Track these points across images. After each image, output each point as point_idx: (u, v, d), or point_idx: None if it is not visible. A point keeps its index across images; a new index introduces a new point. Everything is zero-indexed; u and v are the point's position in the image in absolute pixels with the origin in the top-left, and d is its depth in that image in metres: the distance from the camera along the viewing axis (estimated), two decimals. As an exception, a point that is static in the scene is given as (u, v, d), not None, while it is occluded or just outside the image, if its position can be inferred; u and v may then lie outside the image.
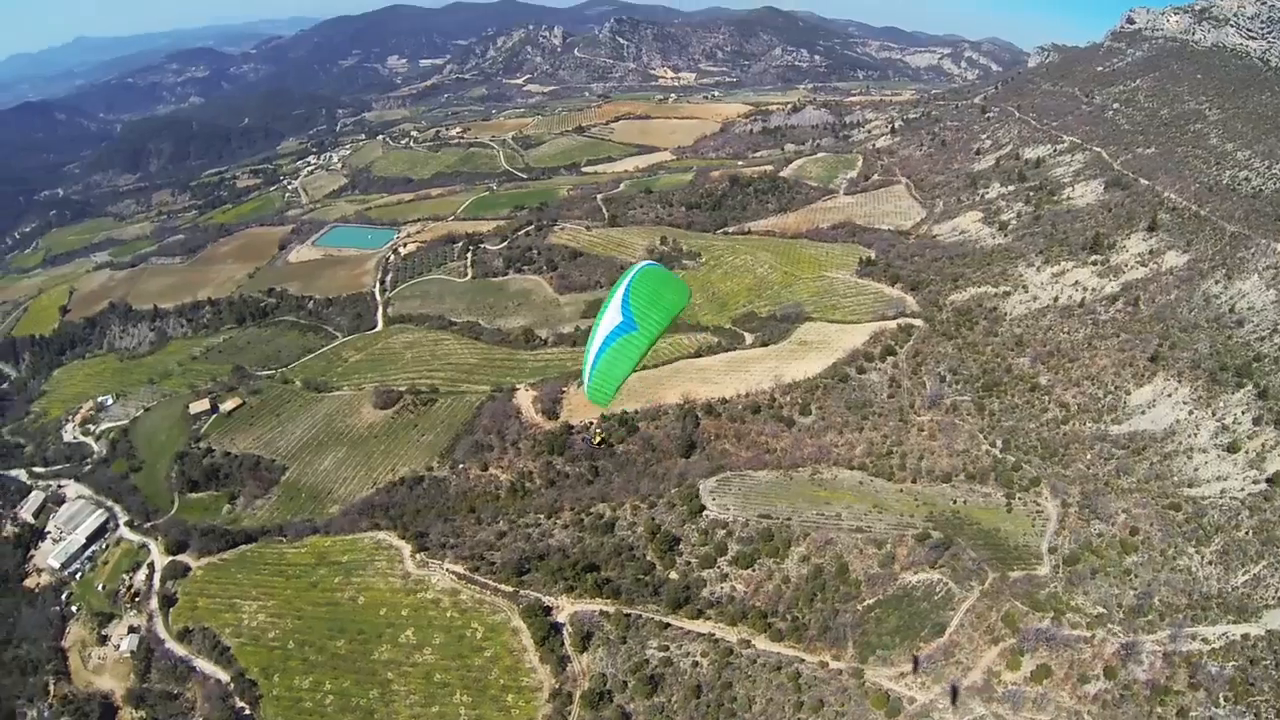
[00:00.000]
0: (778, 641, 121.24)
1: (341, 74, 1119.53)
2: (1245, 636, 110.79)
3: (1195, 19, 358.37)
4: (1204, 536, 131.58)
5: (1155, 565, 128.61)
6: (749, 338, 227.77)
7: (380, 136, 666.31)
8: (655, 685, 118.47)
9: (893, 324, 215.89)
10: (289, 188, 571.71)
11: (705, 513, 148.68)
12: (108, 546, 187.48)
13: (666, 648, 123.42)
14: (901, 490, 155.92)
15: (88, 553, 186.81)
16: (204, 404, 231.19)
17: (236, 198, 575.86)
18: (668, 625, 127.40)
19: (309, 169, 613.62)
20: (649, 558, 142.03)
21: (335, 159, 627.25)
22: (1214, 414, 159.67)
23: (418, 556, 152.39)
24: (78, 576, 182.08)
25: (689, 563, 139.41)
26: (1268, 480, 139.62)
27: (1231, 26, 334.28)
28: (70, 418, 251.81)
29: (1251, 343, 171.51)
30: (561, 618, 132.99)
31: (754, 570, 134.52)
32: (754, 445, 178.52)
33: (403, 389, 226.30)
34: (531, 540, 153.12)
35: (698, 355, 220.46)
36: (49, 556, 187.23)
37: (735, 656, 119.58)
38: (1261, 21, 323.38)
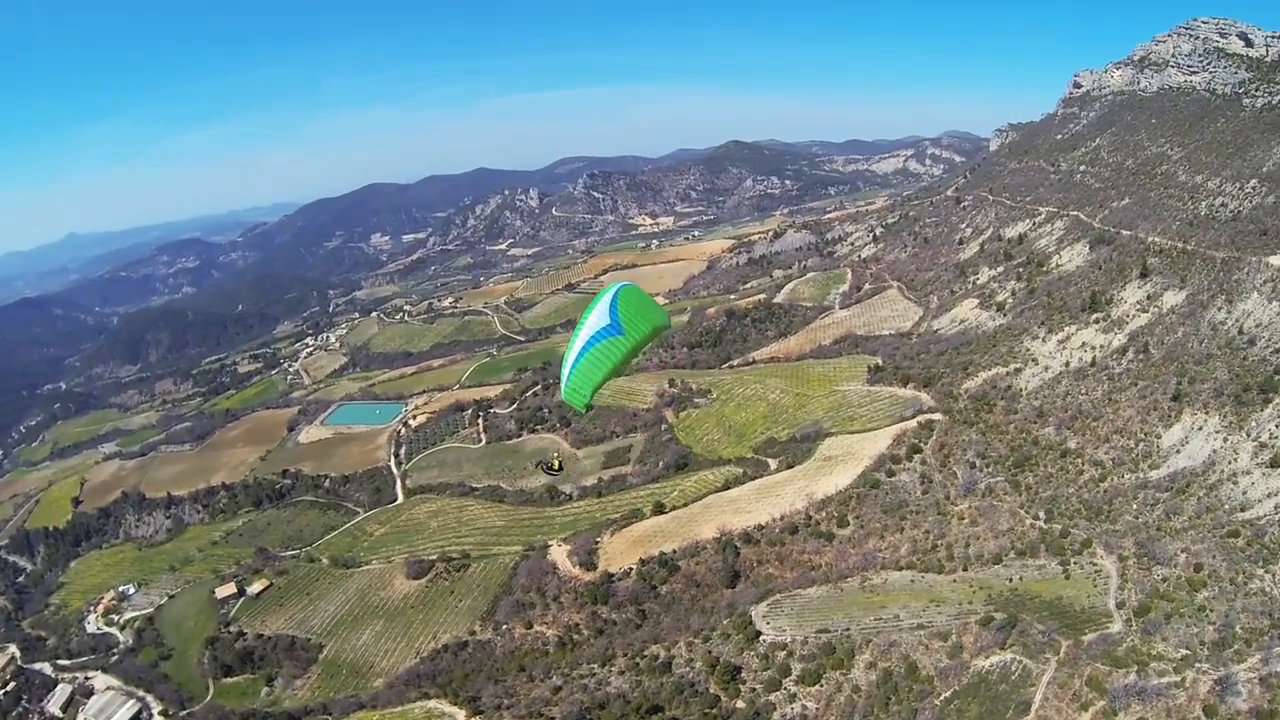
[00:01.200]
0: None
1: (327, 255, 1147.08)
2: None
3: (1137, 69, 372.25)
4: (1269, 555, 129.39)
5: (1228, 595, 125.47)
6: (773, 463, 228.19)
7: (374, 313, 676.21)
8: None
9: (913, 423, 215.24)
10: (290, 370, 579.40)
11: (762, 637, 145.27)
12: None
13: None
14: (955, 580, 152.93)
15: None
16: (230, 588, 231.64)
17: (239, 383, 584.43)
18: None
19: (308, 350, 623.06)
20: (713, 691, 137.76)
21: (333, 339, 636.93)
22: (1249, 435, 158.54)
23: None
24: None
25: (754, 689, 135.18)
26: None
27: (1172, 67, 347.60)
28: (92, 608, 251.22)
29: (1268, 357, 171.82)
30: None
31: (822, 685, 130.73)
32: (798, 565, 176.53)
33: (433, 558, 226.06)
34: (589, 691, 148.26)
35: (726, 488, 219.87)
36: None
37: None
38: (1198, 56, 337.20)
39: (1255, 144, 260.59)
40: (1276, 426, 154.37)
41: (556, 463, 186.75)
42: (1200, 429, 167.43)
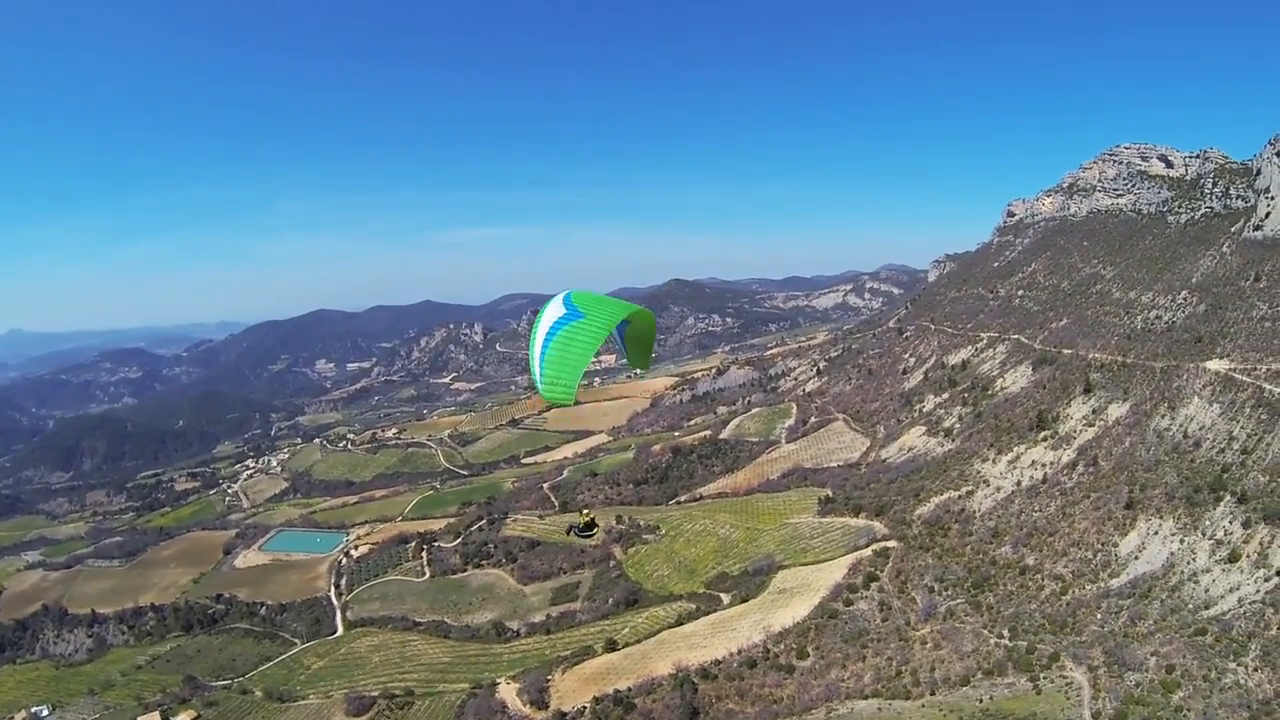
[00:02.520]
0: None
1: (272, 378, 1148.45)
2: None
3: (1066, 195, 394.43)
4: (1239, 648, 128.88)
5: (1203, 693, 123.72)
6: (726, 598, 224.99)
7: (317, 440, 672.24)
8: None
9: (867, 551, 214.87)
10: (229, 491, 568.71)
11: None
12: None
13: None
14: (923, 705, 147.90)
15: None
16: (154, 717, 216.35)
17: (175, 500, 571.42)
18: None
19: (248, 472, 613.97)
20: None
21: (274, 462, 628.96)
22: (1204, 534, 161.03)
23: None
24: None
25: None
26: (1278, 573, 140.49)
27: (1100, 191, 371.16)
28: None
29: (1214, 458, 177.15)
30: None
31: None
32: (759, 699, 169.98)
33: (375, 694, 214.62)
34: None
35: (680, 624, 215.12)
36: None
37: None
38: (1123, 179, 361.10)
39: (1183, 257, 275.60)
40: (1230, 523, 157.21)
41: (586, 518, 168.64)
42: (1156, 533, 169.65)
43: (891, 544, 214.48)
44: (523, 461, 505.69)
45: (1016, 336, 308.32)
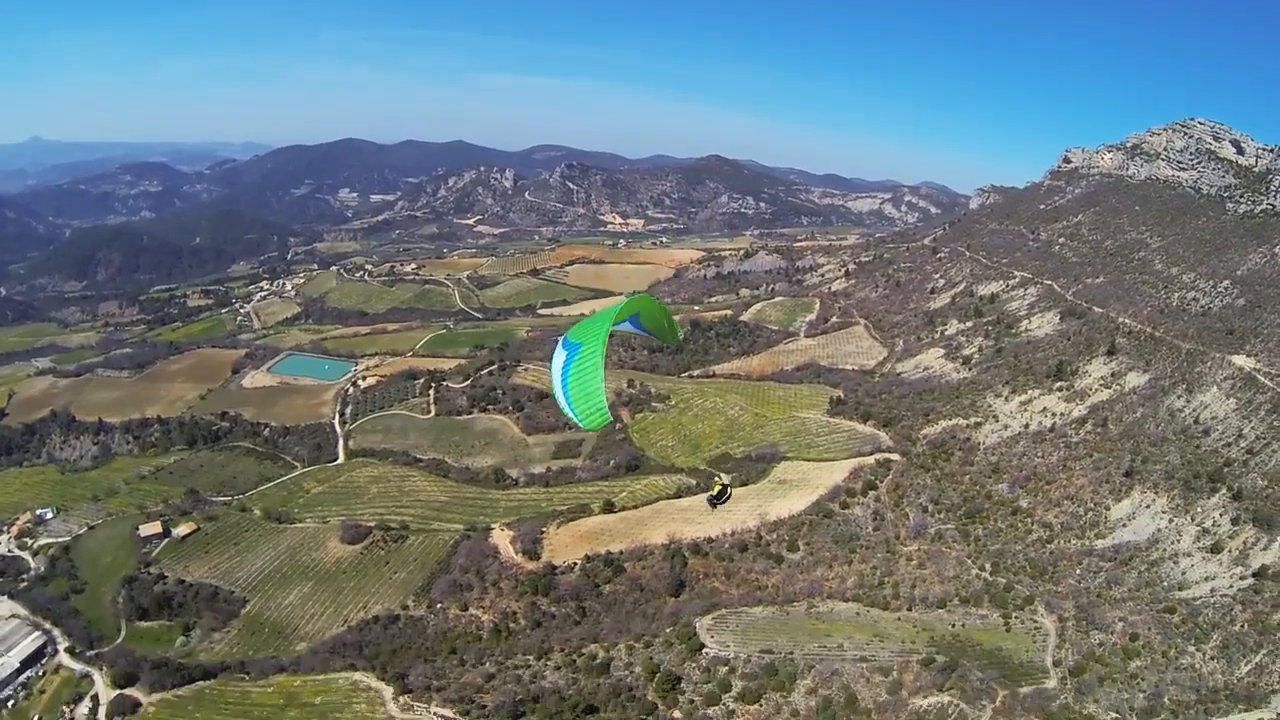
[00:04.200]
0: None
1: (293, 202, 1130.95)
2: None
3: (1128, 155, 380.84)
4: (1202, 634, 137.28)
5: (1159, 667, 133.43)
6: (726, 478, 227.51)
7: (334, 268, 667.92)
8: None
9: (870, 459, 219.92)
10: (241, 311, 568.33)
11: (705, 650, 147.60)
12: (45, 674, 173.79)
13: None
14: (899, 619, 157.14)
15: (21, 678, 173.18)
16: (155, 527, 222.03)
17: (187, 316, 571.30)
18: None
19: (262, 294, 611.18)
20: (650, 698, 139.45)
21: (289, 286, 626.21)
22: (1193, 519, 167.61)
23: (401, 699, 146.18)
24: (10, 704, 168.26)
25: (693, 701, 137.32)
26: (1254, 575, 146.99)
27: (1163, 160, 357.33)
28: (5, 529, 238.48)
29: (1219, 449, 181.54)
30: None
31: (761, 705, 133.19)
32: (744, 583, 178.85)
33: (371, 524, 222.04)
34: (523, 682, 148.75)
35: (678, 496, 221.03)
36: None
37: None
38: (1190, 154, 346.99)
39: (1233, 247, 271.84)
40: (1220, 515, 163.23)
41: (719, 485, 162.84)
42: (1148, 507, 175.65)
43: (894, 457, 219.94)
44: (539, 311, 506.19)
45: (1050, 282, 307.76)
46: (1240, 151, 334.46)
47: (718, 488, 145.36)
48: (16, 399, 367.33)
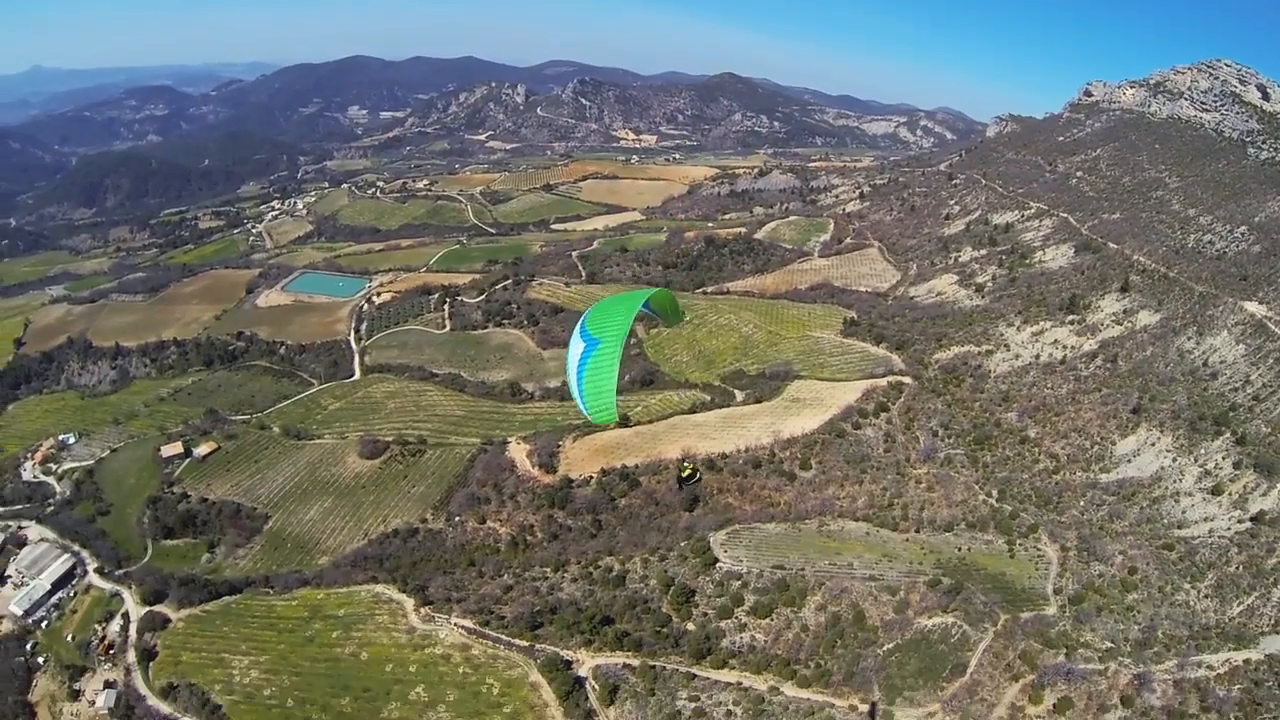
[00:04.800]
0: (805, 688, 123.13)
1: (302, 121, 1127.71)
2: (1247, 661, 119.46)
3: (1150, 92, 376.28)
4: (1198, 573, 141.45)
5: (1155, 601, 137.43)
6: (739, 395, 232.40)
7: (345, 185, 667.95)
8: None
9: (883, 381, 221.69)
10: (253, 231, 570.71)
11: (719, 565, 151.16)
12: (75, 594, 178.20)
13: (697, 698, 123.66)
14: (907, 540, 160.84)
15: (54, 600, 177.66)
16: (176, 447, 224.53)
17: (199, 238, 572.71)
18: (694, 676, 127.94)
19: (273, 214, 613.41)
20: (665, 610, 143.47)
21: (300, 205, 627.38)
22: (1196, 460, 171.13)
23: (422, 611, 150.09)
24: (43, 625, 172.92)
25: (706, 614, 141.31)
26: (1252, 519, 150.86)
27: (1185, 100, 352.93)
28: (29, 455, 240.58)
29: (1226, 394, 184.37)
30: (583, 671, 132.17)
31: (772, 620, 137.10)
32: (757, 499, 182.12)
33: (389, 439, 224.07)
34: (540, 594, 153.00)
35: (692, 411, 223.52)
36: (10, 603, 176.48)
37: (767, 704, 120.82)
38: (1214, 95, 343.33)
39: (1252, 193, 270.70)
40: (1223, 459, 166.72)
41: (689, 470, 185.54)
42: (1153, 445, 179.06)
43: (906, 380, 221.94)
44: (552, 227, 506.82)
45: (1066, 215, 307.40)
46: (1265, 97, 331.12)
47: (687, 471, 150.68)
48: (33, 328, 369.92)
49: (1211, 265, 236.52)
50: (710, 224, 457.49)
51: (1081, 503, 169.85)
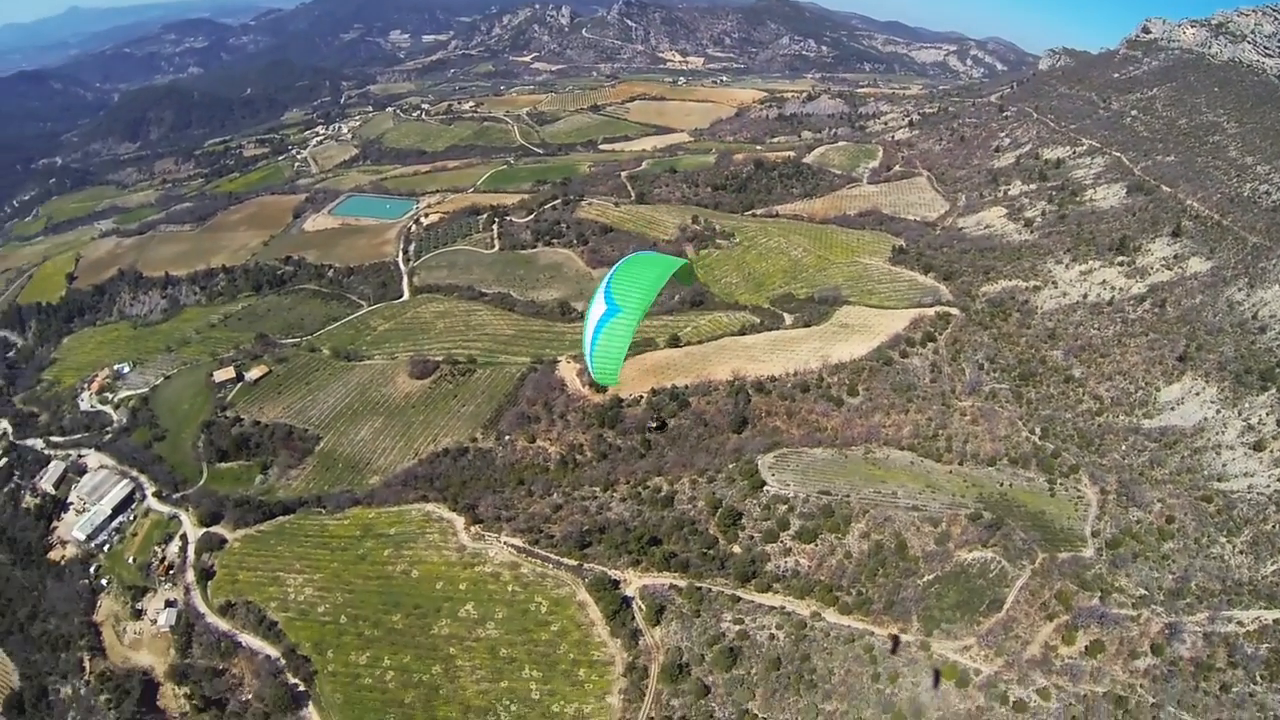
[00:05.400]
0: (846, 615, 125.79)
1: (343, 47, 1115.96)
2: (1277, 621, 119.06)
3: (1212, 33, 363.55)
4: (1234, 528, 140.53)
5: (1190, 552, 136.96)
6: (788, 318, 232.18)
7: (389, 109, 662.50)
8: (734, 658, 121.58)
9: (930, 311, 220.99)
10: (298, 157, 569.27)
11: (766, 488, 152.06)
12: (135, 518, 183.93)
13: (741, 620, 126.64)
14: (950, 471, 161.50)
15: (114, 524, 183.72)
16: (229, 372, 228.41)
17: (244, 166, 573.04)
18: (738, 599, 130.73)
19: (318, 139, 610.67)
20: (711, 532, 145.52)
21: (345, 129, 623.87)
22: (1240, 414, 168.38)
23: (472, 529, 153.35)
24: (105, 549, 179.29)
25: (752, 537, 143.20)
26: None
27: (1248, 43, 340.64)
28: (86, 385, 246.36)
29: (1274, 349, 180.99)
30: (630, 591, 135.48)
31: (816, 545, 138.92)
32: (805, 423, 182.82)
33: (438, 359, 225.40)
34: (589, 513, 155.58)
35: (742, 333, 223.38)
36: (73, 528, 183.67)
37: (809, 629, 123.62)
38: (1279, 40, 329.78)
39: None
40: (1267, 414, 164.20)
41: (658, 421, 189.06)
42: (1198, 394, 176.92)
43: (954, 311, 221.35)
44: (600, 147, 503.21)
45: (1119, 154, 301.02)
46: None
47: (657, 422, 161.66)
48: (84, 262, 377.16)
49: (1267, 217, 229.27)
50: (759, 147, 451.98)
51: (1123, 447, 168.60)
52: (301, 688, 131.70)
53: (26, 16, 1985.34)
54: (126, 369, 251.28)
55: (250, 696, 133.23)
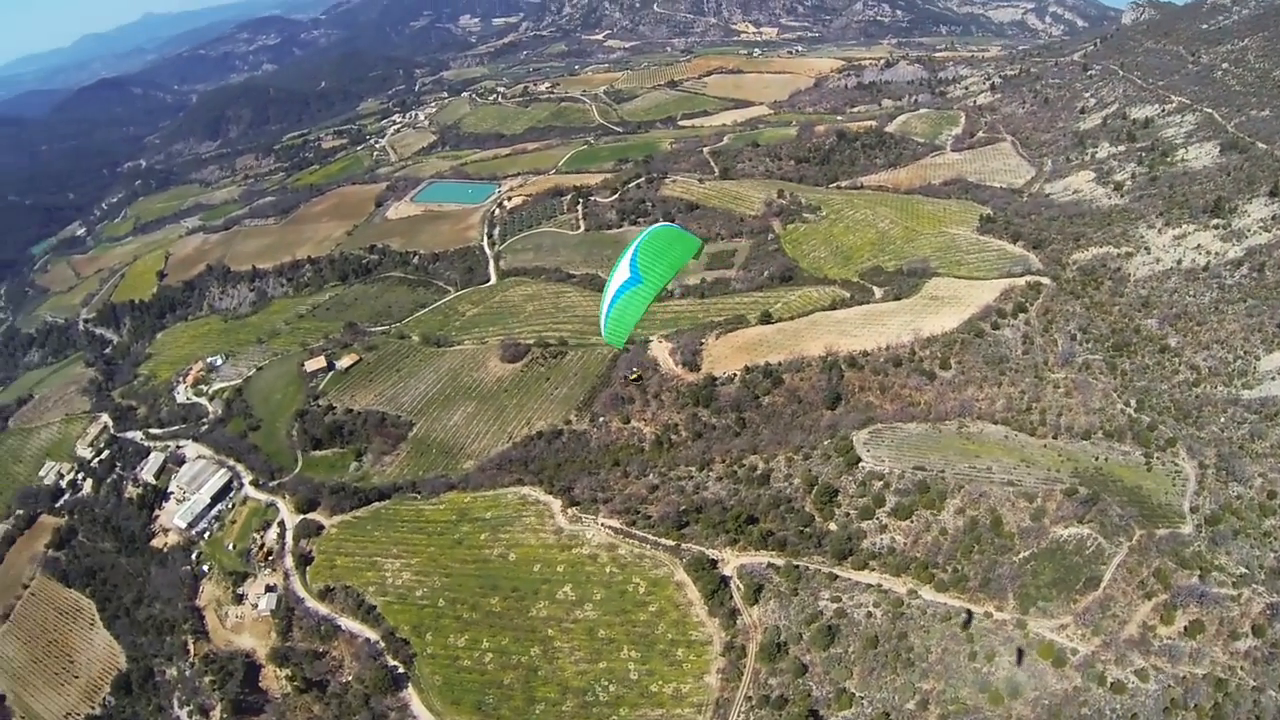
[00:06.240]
0: (943, 592, 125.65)
1: (414, 35, 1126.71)
2: None
3: None
4: None
5: None
6: (878, 291, 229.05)
7: (465, 93, 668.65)
8: (832, 636, 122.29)
9: (1020, 281, 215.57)
10: (376, 146, 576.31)
11: (861, 464, 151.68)
12: (233, 505, 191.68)
13: (839, 599, 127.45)
14: (1045, 445, 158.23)
15: (213, 512, 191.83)
16: (320, 361, 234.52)
17: (323, 158, 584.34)
18: (836, 576, 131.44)
19: (395, 127, 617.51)
20: (808, 510, 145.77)
21: (421, 117, 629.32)
22: None
23: (569, 511, 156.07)
24: (205, 536, 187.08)
25: (848, 514, 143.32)
26: None
27: None
28: (181, 379, 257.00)
29: None
30: (727, 570, 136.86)
31: (912, 522, 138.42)
32: (897, 398, 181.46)
33: (529, 342, 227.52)
34: (685, 493, 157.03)
35: (833, 308, 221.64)
36: (174, 516, 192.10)
37: (906, 607, 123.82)
38: None
39: None
40: None
41: (636, 374, 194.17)
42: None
43: (1044, 281, 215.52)
44: (680, 124, 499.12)
45: (1210, 111, 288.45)
46: None
47: (635, 375, 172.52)
48: (173, 259, 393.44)
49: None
50: (839, 117, 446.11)
51: (1222, 419, 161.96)
52: (401, 670, 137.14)
53: (105, 26, 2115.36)
54: (219, 361, 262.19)
55: (350, 678, 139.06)
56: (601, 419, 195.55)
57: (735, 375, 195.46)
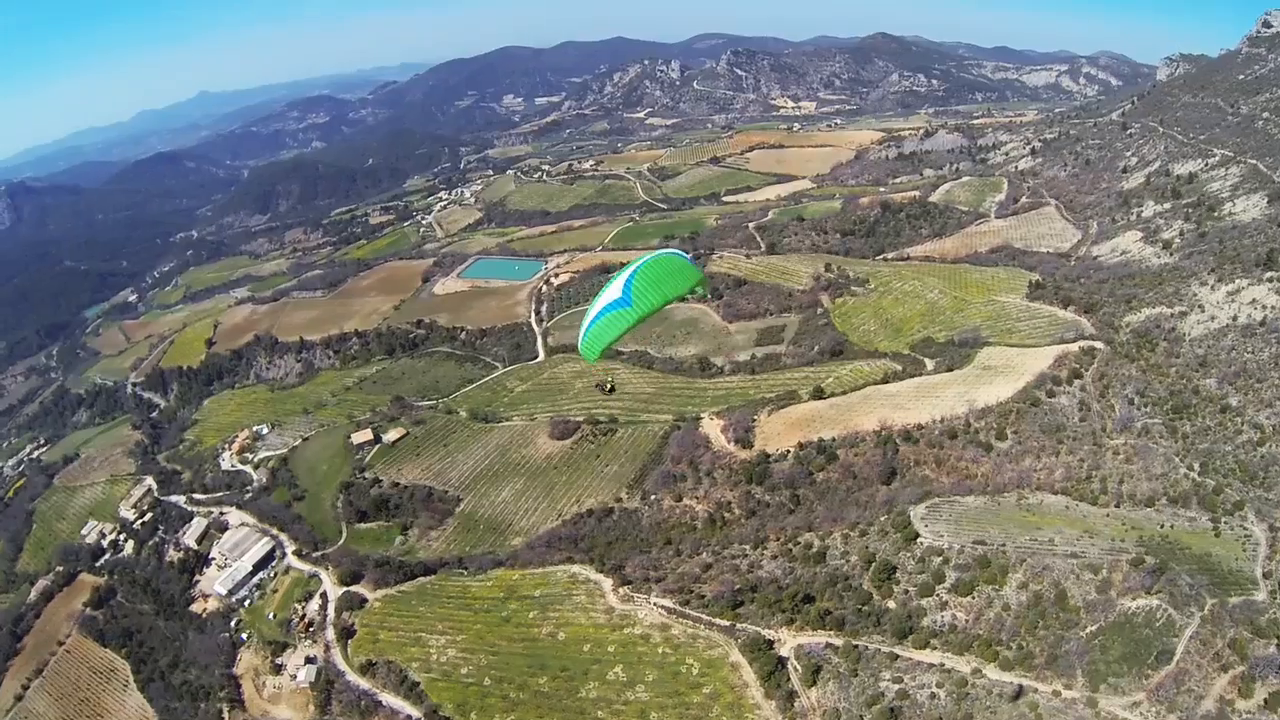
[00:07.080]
0: (1008, 670, 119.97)
1: (459, 114, 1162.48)
2: None
3: None
4: None
5: None
6: (929, 363, 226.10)
7: (510, 171, 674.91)
8: (895, 718, 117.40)
9: (1074, 347, 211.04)
10: (423, 223, 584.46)
11: (919, 540, 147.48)
12: (275, 575, 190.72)
13: (900, 679, 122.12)
14: (1108, 515, 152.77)
15: (255, 580, 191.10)
16: (366, 434, 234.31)
17: (370, 233, 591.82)
18: (896, 656, 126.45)
19: (441, 204, 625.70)
20: (866, 587, 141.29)
21: (467, 194, 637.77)
22: None
23: (620, 590, 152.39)
24: (246, 604, 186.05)
25: (907, 591, 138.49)
26: None
27: None
28: (227, 446, 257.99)
29: None
30: (784, 651, 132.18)
31: (973, 598, 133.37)
32: (954, 471, 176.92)
33: (579, 419, 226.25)
34: (740, 572, 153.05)
35: (885, 381, 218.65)
36: (215, 583, 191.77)
37: (970, 687, 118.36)
38: None
39: None
40: None
41: (610, 385, 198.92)
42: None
43: (1098, 345, 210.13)
44: (724, 199, 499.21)
45: (1254, 161, 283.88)
46: None
47: (610, 385, 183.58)
48: (222, 328, 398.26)
49: None
50: (882, 189, 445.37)
51: None
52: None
53: (160, 103, 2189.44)
54: (266, 430, 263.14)
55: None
56: (653, 497, 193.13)
57: (789, 451, 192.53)
